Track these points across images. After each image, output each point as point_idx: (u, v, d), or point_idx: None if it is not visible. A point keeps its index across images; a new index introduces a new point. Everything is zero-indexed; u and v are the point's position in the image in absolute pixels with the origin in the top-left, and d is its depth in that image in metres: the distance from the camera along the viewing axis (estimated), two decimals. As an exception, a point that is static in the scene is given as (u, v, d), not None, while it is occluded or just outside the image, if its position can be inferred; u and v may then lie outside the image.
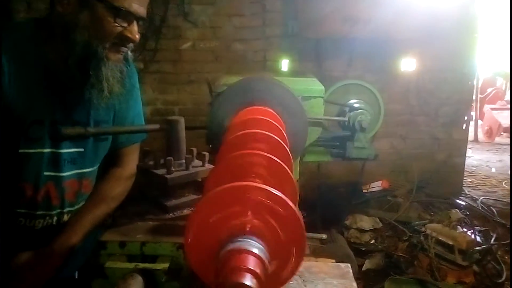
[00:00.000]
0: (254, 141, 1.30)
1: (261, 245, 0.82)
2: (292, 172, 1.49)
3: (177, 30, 4.37)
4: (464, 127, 4.73)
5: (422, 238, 3.19)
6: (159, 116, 4.57)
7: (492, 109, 8.36)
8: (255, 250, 0.79)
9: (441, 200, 4.36)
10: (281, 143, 1.46)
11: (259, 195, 0.88)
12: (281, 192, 1.00)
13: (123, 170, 1.46)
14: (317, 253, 2.24)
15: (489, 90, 9.43)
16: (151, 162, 1.18)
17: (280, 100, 2.03)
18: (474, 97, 8.39)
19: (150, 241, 1.03)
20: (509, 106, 8.59)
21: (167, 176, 1.13)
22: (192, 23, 4.34)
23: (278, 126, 1.70)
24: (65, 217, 1.38)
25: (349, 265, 1.29)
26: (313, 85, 2.33)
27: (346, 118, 2.37)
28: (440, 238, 3.05)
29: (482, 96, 8.95)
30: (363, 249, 3.71)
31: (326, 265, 1.30)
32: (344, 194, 4.23)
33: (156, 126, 1.17)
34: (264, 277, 0.77)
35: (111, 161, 1.48)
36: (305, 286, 1.20)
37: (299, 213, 0.92)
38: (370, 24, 4.21)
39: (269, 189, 0.89)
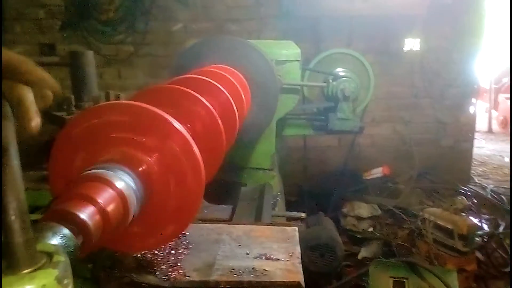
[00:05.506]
0: (190, 86, 1.11)
1: (134, 184, 0.63)
2: (233, 135, 1.28)
3: (168, 11, 4.21)
4: (471, 111, 4.45)
5: (419, 223, 2.95)
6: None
7: (507, 98, 7.98)
8: (119, 185, 0.61)
9: (447, 187, 4.10)
10: (224, 93, 1.27)
11: (171, 138, 0.69)
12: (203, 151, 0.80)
13: None
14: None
15: (504, 80, 9.03)
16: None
17: (246, 59, 1.84)
18: (488, 87, 8.06)
19: (29, 188, 0.85)
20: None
21: (66, 117, 0.95)
22: (183, 4, 4.16)
23: (235, 82, 1.50)
24: None
25: (296, 228, 1.10)
26: (288, 48, 2.13)
27: (324, 84, 2.17)
28: (439, 223, 2.81)
29: (497, 86, 8.57)
30: (359, 236, 3.49)
31: (269, 229, 1.11)
32: (336, 178, 4.01)
33: (55, 59, 0.99)
34: (115, 220, 0.58)
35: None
36: (239, 250, 1.01)
37: (202, 190, 0.72)
38: (369, 0, 4.00)
39: (190, 142, 0.70)
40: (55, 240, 0.45)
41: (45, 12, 4.23)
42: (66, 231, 0.48)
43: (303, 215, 2.02)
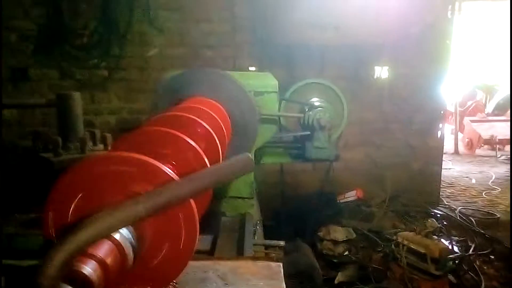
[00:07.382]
0: (175, 125, 1.14)
1: (130, 234, 0.65)
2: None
3: (143, 36, 4.23)
4: (439, 135, 4.63)
5: (393, 247, 3.02)
6: (126, 126, 4.38)
7: (472, 121, 8.31)
8: (117, 236, 0.62)
9: (417, 210, 4.21)
10: (208, 130, 1.29)
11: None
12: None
13: None
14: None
15: (469, 103, 9.43)
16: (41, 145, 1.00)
17: (226, 92, 1.88)
18: (453, 110, 8.39)
19: (19, 233, 0.85)
20: (489, 118, 8.57)
21: (53, 159, 0.95)
22: (158, 30, 4.20)
23: (215, 116, 1.54)
24: None
25: (280, 264, 1.12)
26: (266, 80, 2.18)
27: (302, 115, 2.23)
28: (412, 247, 2.88)
29: (462, 109, 8.93)
30: (335, 261, 3.52)
31: (255, 265, 1.13)
32: (311, 202, 4.06)
33: (42, 101, 0.99)
34: (114, 272, 0.59)
35: None
36: (225, 288, 1.02)
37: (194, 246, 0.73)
38: (339, 30, 4.14)
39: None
40: (63, 304, 0.46)
41: (17, 36, 4.17)
42: (73, 292, 0.49)
43: (282, 243, 2.04)
